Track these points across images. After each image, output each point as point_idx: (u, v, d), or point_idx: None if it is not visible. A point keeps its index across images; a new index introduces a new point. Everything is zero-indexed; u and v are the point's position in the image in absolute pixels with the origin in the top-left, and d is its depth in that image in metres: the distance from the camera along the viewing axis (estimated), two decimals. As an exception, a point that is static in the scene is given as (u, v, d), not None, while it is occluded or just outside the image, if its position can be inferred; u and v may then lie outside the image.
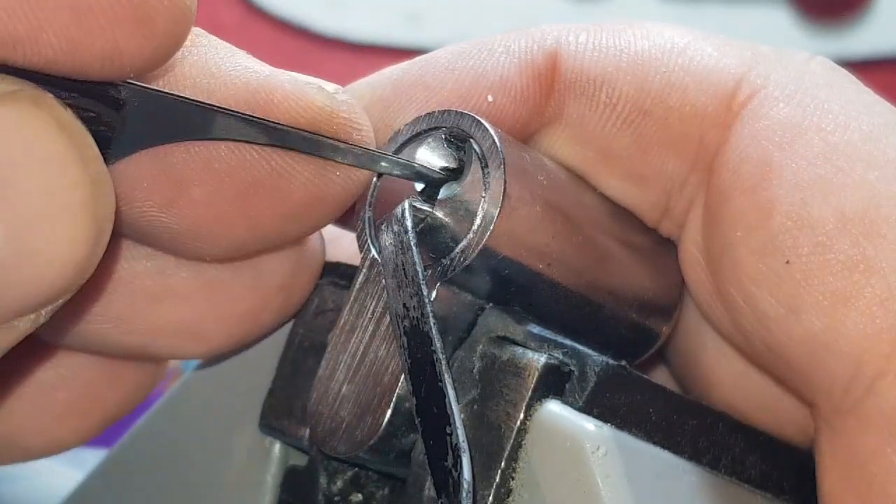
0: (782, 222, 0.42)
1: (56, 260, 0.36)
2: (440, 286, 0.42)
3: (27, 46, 0.35)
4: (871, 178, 0.41)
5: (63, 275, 0.37)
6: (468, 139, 0.43)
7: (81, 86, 0.37)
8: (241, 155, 0.41)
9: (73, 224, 0.36)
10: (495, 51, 0.45)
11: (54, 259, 0.36)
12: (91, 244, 0.37)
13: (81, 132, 0.37)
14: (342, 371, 0.43)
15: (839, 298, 0.41)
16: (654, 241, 0.48)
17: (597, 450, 0.40)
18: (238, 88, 0.41)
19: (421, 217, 0.43)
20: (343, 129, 0.42)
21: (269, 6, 1.34)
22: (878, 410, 0.40)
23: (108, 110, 0.38)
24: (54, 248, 0.36)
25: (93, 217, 0.37)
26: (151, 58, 0.37)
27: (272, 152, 0.41)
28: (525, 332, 0.42)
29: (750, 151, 0.43)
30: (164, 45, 0.37)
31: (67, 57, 0.36)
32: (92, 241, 0.37)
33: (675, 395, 0.44)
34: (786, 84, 0.44)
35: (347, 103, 0.42)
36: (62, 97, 0.37)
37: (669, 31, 0.46)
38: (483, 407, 0.42)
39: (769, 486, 0.46)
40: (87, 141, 0.37)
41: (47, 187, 0.36)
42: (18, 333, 0.37)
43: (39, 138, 0.36)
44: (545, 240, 0.43)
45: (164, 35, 0.37)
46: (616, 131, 0.45)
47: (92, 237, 0.37)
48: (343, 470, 0.46)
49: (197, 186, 0.41)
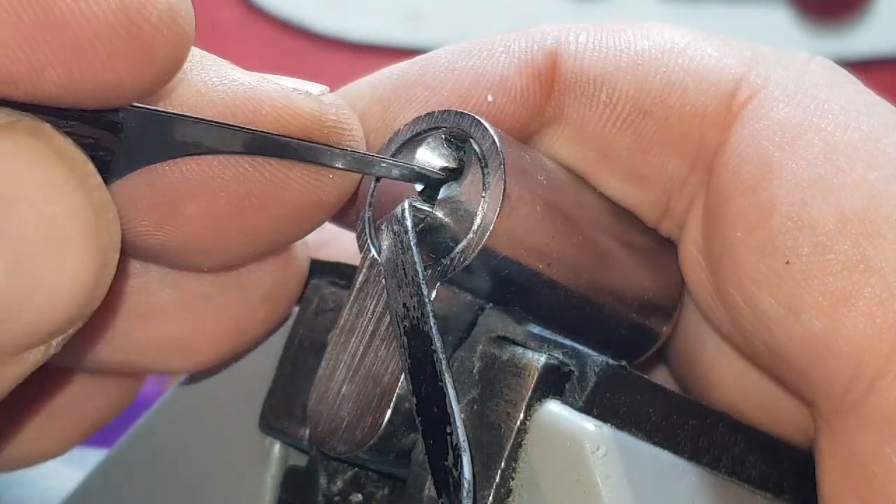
0: (782, 222, 0.42)
1: (61, 290, 0.36)
2: (440, 286, 0.42)
3: (28, 84, 0.35)
4: (871, 179, 0.41)
5: (69, 305, 0.36)
6: (468, 139, 0.43)
7: (80, 113, 0.37)
8: (235, 168, 0.41)
9: (76, 253, 0.36)
10: (495, 51, 0.45)
11: (59, 289, 0.36)
12: (96, 272, 0.36)
13: (82, 160, 0.36)
14: (342, 371, 0.43)
15: (839, 298, 0.41)
16: (654, 241, 0.48)
17: (597, 450, 0.40)
18: (226, 103, 0.40)
19: (421, 217, 0.43)
20: (333, 132, 0.42)
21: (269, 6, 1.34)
22: (878, 410, 0.40)
23: (107, 135, 0.38)
24: (58, 278, 0.36)
25: (97, 245, 0.36)
26: (151, 84, 0.37)
27: (265, 162, 0.41)
28: (525, 332, 0.42)
29: (750, 151, 0.43)
30: (164, 71, 0.37)
31: (69, 91, 0.36)
32: (97, 269, 0.36)
33: (675, 395, 0.44)
34: (786, 84, 0.44)
35: (335, 105, 0.42)
36: (61, 126, 0.36)
37: (669, 31, 0.46)
38: (483, 407, 0.42)
39: (769, 486, 0.46)
40: (89, 169, 0.36)
41: (47, 217, 0.35)
42: (28, 366, 0.37)
43: (38, 169, 0.35)
44: (545, 240, 0.43)
45: (164, 62, 0.36)
46: (616, 131, 0.45)
47: (97, 265, 0.36)
48: (343, 470, 0.46)
49: (192, 203, 0.41)
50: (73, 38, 0.34)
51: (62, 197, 0.36)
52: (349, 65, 1.30)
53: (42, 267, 0.35)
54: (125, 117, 0.38)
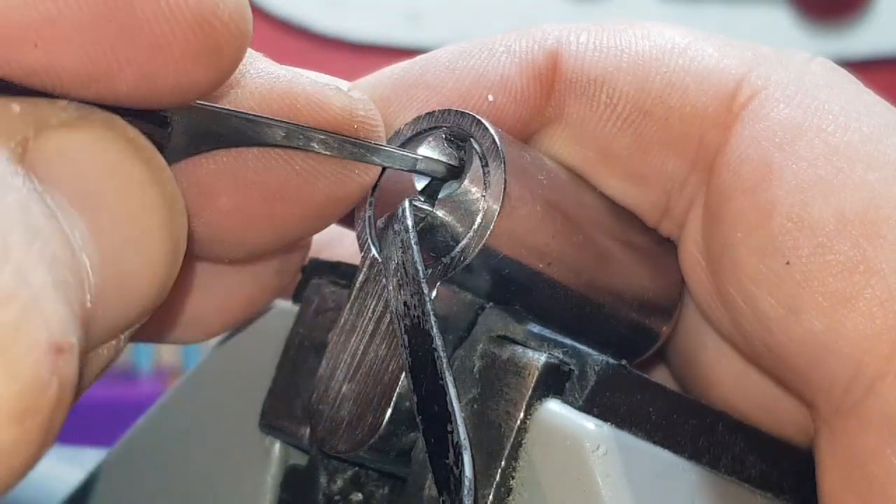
0: (782, 223, 0.42)
1: (141, 285, 0.36)
2: (440, 285, 0.42)
3: (103, 84, 0.35)
4: (872, 179, 0.41)
5: (147, 298, 0.36)
6: (468, 139, 0.43)
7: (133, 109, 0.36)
8: (267, 162, 0.41)
9: (155, 245, 0.36)
10: (496, 50, 0.46)
11: (140, 284, 0.36)
12: (170, 265, 0.37)
13: (154, 153, 0.36)
14: (342, 370, 0.44)
15: (839, 299, 0.41)
16: (655, 241, 0.48)
17: (597, 449, 0.40)
18: (263, 96, 0.41)
19: (421, 216, 0.43)
20: (363, 127, 0.42)
21: (269, 6, 1.34)
22: (878, 411, 0.40)
23: (158, 129, 0.38)
24: (140, 273, 0.36)
25: (171, 237, 0.36)
26: (216, 82, 0.37)
27: (296, 157, 0.41)
28: (525, 331, 0.42)
29: (750, 152, 0.43)
30: (229, 69, 0.37)
31: (140, 91, 0.35)
32: (172, 261, 0.37)
33: (675, 394, 0.44)
34: (786, 85, 0.44)
35: (363, 101, 0.43)
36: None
37: (670, 31, 0.46)
38: (483, 406, 0.42)
39: (769, 485, 0.46)
40: (160, 162, 0.36)
41: (133, 210, 0.35)
42: (103, 361, 0.37)
43: (121, 162, 0.35)
44: (545, 239, 0.43)
45: (231, 60, 0.36)
46: (616, 131, 0.45)
47: (171, 257, 0.36)
48: (343, 469, 0.46)
49: (225, 196, 0.41)
50: (152, 37, 0.34)
51: (143, 192, 0.36)
52: (349, 65, 1.30)
53: (128, 263, 0.35)
54: (174, 112, 0.38)
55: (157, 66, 0.35)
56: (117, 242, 0.35)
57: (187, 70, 0.35)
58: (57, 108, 0.35)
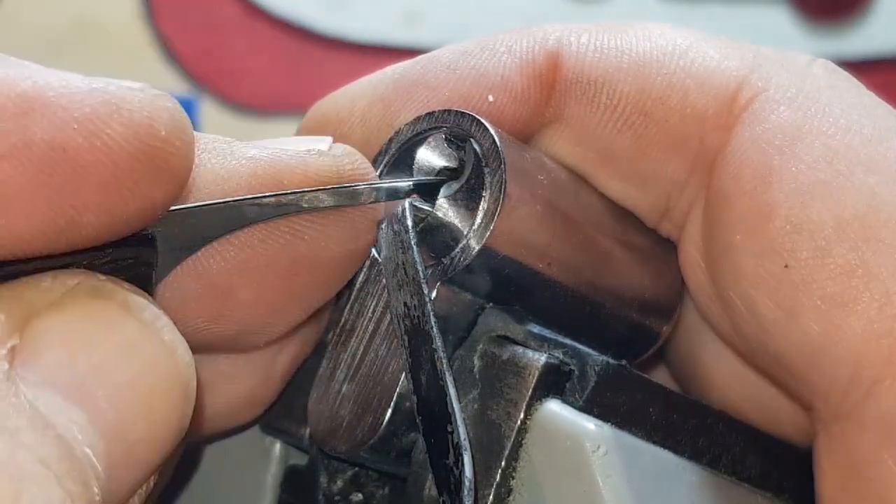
0: (782, 226, 0.42)
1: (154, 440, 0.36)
2: (440, 285, 0.42)
3: (70, 233, 0.35)
4: (871, 183, 0.41)
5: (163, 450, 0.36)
6: (469, 139, 0.43)
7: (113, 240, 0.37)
8: (276, 241, 0.41)
9: (164, 400, 0.36)
10: (497, 51, 0.46)
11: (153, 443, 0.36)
12: (183, 410, 0.36)
13: (145, 306, 0.36)
14: (343, 370, 0.44)
15: (837, 303, 0.41)
16: (655, 242, 0.48)
17: (597, 449, 0.40)
18: (250, 182, 0.40)
19: (421, 217, 0.43)
20: (352, 181, 0.42)
21: (269, 6, 1.34)
22: (876, 415, 0.40)
23: (144, 249, 0.38)
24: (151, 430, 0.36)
25: (179, 382, 0.36)
26: (176, 193, 0.37)
27: (301, 227, 0.41)
28: (525, 331, 0.42)
29: (750, 154, 0.43)
30: (183, 178, 0.37)
31: (108, 227, 0.35)
32: (184, 408, 0.36)
33: (675, 394, 0.44)
34: (787, 87, 0.44)
35: (347, 155, 0.42)
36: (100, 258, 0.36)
37: (671, 32, 0.46)
38: (483, 406, 0.42)
39: (769, 485, 0.46)
40: (154, 311, 0.36)
41: (132, 375, 0.35)
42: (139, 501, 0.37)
43: (114, 331, 0.35)
44: (545, 239, 0.43)
45: (182, 169, 0.37)
46: (616, 132, 0.45)
47: (183, 402, 0.36)
48: (343, 469, 0.46)
49: (243, 288, 0.41)
50: (99, 177, 0.35)
51: (142, 352, 0.36)
52: (349, 65, 1.30)
53: (135, 432, 0.35)
54: (155, 227, 0.38)
55: (114, 200, 0.35)
56: (120, 416, 0.35)
57: (143, 193, 0.36)
58: (40, 290, 0.35)
